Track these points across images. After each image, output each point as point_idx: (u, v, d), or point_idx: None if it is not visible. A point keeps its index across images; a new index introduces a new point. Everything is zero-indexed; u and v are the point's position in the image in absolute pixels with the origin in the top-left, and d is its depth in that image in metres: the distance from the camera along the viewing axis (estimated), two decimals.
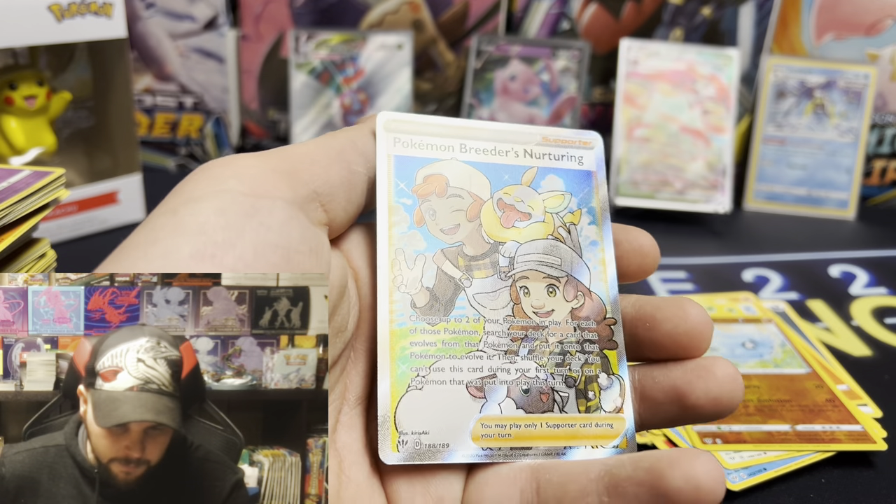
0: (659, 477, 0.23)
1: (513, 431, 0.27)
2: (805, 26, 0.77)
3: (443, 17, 0.78)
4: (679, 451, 0.23)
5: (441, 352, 0.27)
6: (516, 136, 0.30)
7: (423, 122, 0.29)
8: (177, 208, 0.24)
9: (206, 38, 0.77)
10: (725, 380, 0.26)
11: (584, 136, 0.30)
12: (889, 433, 0.41)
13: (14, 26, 0.56)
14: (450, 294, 0.28)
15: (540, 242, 0.29)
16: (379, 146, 0.28)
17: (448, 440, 0.26)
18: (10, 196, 0.37)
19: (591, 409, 0.27)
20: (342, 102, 0.77)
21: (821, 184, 0.76)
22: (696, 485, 0.23)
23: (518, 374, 0.27)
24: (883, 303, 0.58)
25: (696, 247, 0.67)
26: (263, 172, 0.25)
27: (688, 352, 0.27)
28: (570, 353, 0.28)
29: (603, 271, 0.29)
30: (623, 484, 0.24)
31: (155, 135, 0.81)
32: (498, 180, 0.29)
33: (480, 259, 0.28)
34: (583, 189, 0.30)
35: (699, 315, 0.27)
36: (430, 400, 0.26)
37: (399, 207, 0.28)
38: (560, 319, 0.28)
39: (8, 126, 0.63)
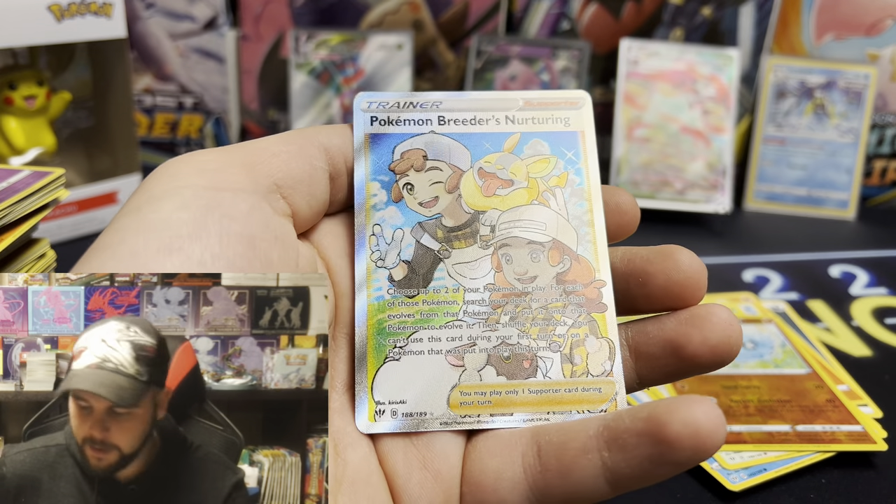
0: (658, 424, 0.23)
1: (492, 398, 0.26)
2: (805, 26, 0.77)
3: (443, 17, 0.78)
4: (678, 398, 0.23)
5: (419, 323, 0.27)
6: (497, 103, 0.29)
7: (401, 98, 0.29)
8: (140, 206, 0.24)
9: (206, 39, 0.77)
10: (722, 326, 0.25)
11: (571, 95, 0.30)
12: (889, 433, 0.41)
13: (14, 26, 0.56)
14: (428, 266, 0.28)
15: (522, 208, 0.28)
16: (356, 127, 0.28)
17: (425, 409, 0.26)
18: (10, 196, 0.37)
19: (577, 373, 0.27)
20: (342, 102, 0.77)
21: (821, 184, 0.76)
22: (695, 429, 0.22)
23: (499, 341, 0.27)
24: (883, 303, 0.58)
25: (697, 247, 0.67)
26: (224, 166, 0.25)
27: (684, 302, 0.26)
28: (554, 317, 0.27)
29: (591, 232, 0.28)
30: (623, 436, 0.23)
31: (155, 135, 0.81)
32: (479, 149, 0.29)
33: (460, 230, 0.28)
34: (570, 150, 0.29)
35: (691, 263, 0.26)
36: (408, 370, 0.27)
37: (376, 184, 0.28)
38: (544, 285, 0.27)
39: (8, 126, 0.63)
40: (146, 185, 0.25)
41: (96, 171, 0.69)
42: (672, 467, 0.23)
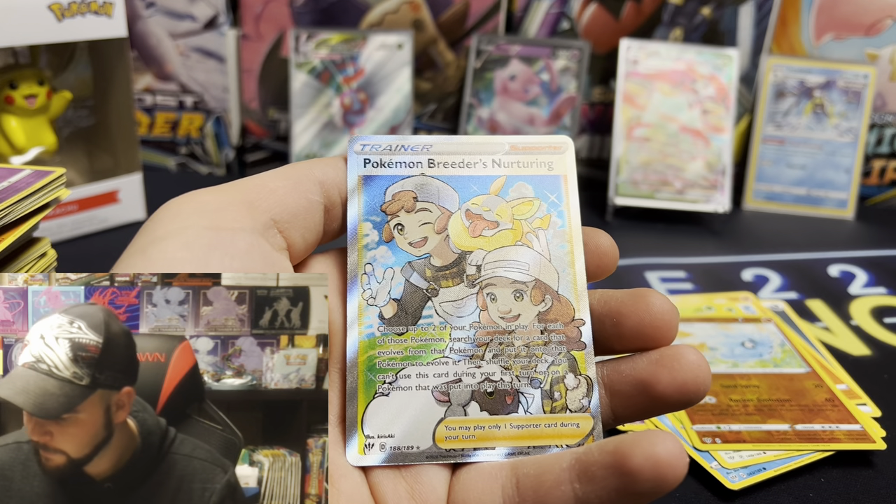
0: (622, 457, 0.24)
1: (476, 433, 0.27)
2: (805, 26, 0.77)
3: (443, 17, 0.78)
4: (642, 432, 0.24)
5: (408, 359, 0.28)
6: (484, 147, 0.30)
7: (393, 141, 0.30)
8: (145, 248, 0.25)
9: (207, 38, 0.77)
10: (690, 368, 0.26)
11: (554, 140, 0.31)
12: (888, 433, 0.41)
13: (15, 25, 0.56)
14: (417, 304, 0.28)
15: (507, 249, 0.29)
16: (350, 169, 0.30)
17: (413, 443, 0.27)
18: (11, 195, 0.37)
19: (556, 409, 0.28)
20: (342, 102, 0.77)
21: (820, 183, 0.76)
22: (655, 462, 0.23)
23: (483, 377, 0.28)
24: (882, 302, 0.58)
25: (696, 246, 0.67)
26: (223, 205, 0.27)
27: (655, 343, 0.27)
28: (535, 355, 0.28)
29: (572, 273, 0.29)
30: (591, 469, 0.24)
31: (155, 134, 0.81)
32: (466, 192, 0.30)
33: (448, 269, 0.29)
34: (552, 193, 0.30)
35: (663, 305, 0.27)
36: (396, 405, 0.28)
37: (368, 224, 0.29)
38: (527, 323, 0.28)
39: (8, 125, 0.63)
40: (149, 226, 0.26)
41: (97, 170, 0.69)
42: (636, 497, 0.24)
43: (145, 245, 0.25)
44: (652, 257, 0.65)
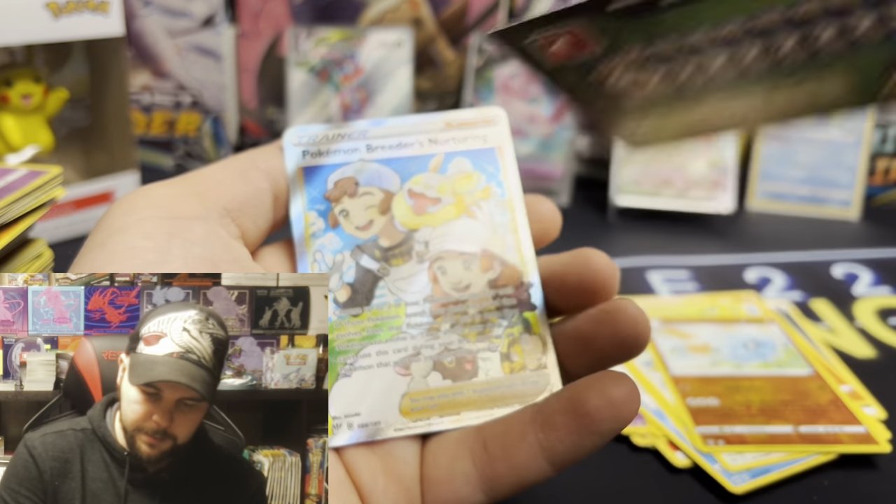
0: (578, 401, 0.25)
1: (440, 401, 0.28)
2: None
3: (443, 15, 0.78)
4: (596, 374, 0.25)
5: (366, 339, 0.29)
6: (419, 127, 0.31)
7: (329, 131, 0.31)
8: (104, 241, 0.25)
9: (204, 36, 0.77)
10: (629, 321, 0.27)
11: (487, 113, 0.32)
12: (893, 435, 0.41)
13: (10, 24, 0.56)
14: (369, 285, 0.29)
15: (452, 223, 0.30)
16: (288, 162, 0.30)
17: (379, 418, 0.28)
18: (7, 195, 0.37)
19: (515, 370, 0.29)
20: (341, 100, 0.77)
21: (824, 183, 0.76)
22: (609, 400, 0.24)
23: (441, 348, 0.29)
24: (887, 303, 0.58)
25: (699, 246, 0.67)
26: (176, 197, 0.27)
27: (596, 299, 0.28)
28: (490, 320, 0.29)
29: (516, 239, 0.30)
30: (552, 417, 0.26)
31: (152, 133, 0.80)
32: (406, 172, 0.31)
33: (396, 248, 0.30)
34: (490, 165, 0.31)
35: (601, 261, 0.28)
36: (360, 384, 0.28)
37: (313, 213, 0.30)
38: (478, 291, 0.30)
39: (4, 124, 0.62)
40: (104, 221, 0.27)
41: (93, 169, 0.69)
42: (598, 437, 0.25)
43: (103, 239, 0.25)
44: (654, 257, 0.64)
